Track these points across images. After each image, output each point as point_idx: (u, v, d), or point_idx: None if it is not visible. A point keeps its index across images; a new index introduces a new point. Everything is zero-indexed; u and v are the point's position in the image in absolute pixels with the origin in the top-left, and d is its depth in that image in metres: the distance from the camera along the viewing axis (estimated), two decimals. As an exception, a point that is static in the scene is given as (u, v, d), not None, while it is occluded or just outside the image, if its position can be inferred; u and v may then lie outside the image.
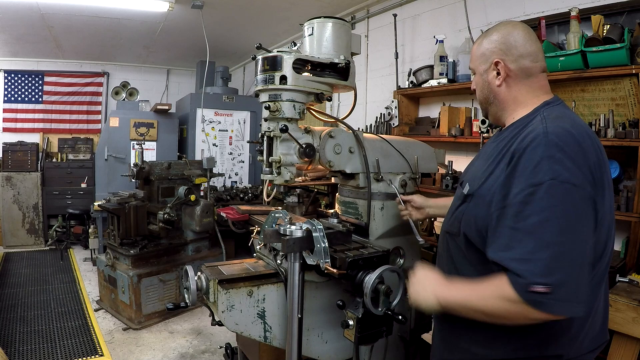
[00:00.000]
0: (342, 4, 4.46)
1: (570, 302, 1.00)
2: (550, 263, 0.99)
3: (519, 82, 1.27)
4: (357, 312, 1.47)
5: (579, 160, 1.05)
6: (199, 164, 4.62)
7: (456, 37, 3.46)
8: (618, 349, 1.78)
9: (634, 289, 1.84)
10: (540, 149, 1.06)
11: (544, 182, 1.02)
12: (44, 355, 3.13)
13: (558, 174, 1.02)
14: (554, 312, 1.00)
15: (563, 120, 1.14)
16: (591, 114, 2.63)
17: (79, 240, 6.32)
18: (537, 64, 1.25)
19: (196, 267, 1.72)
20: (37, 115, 6.90)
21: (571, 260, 1.01)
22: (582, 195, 1.03)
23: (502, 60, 1.26)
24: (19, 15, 4.78)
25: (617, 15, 2.63)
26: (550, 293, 0.98)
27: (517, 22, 1.35)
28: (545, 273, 0.99)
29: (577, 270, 1.01)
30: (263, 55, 1.77)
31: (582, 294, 1.02)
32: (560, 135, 1.07)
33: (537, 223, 1.02)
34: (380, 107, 4.10)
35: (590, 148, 1.09)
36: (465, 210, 1.25)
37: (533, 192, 1.03)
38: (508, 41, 1.25)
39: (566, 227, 1.01)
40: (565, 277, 0.99)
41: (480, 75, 1.34)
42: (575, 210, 1.03)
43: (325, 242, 1.52)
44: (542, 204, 1.02)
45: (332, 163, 1.90)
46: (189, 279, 1.61)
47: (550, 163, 1.03)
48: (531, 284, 0.99)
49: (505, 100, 1.30)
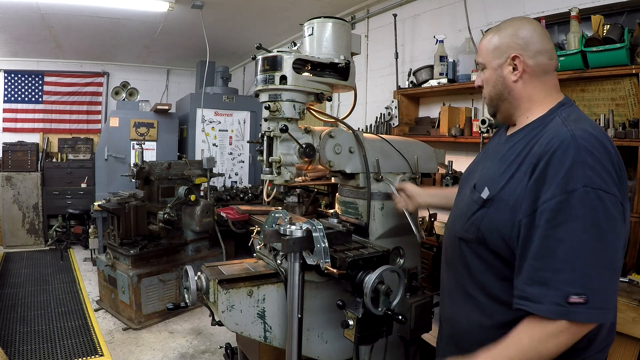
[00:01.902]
0: (342, 4, 4.46)
1: (603, 310, 0.99)
2: (584, 272, 0.98)
3: (535, 79, 1.22)
4: (357, 312, 1.47)
5: (607, 165, 1.03)
6: (199, 164, 4.62)
7: (456, 37, 3.46)
8: (618, 349, 1.78)
9: (634, 289, 1.84)
10: (571, 153, 1.02)
11: (577, 189, 1.00)
12: (44, 355, 3.13)
13: (591, 181, 1.00)
14: (591, 321, 0.99)
15: (584, 122, 1.11)
16: (591, 114, 2.63)
17: (79, 240, 6.33)
18: (552, 62, 1.23)
19: (196, 267, 1.72)
20: (37, 115, 6.90)
21: (603, 268, 0.99)
22: (613, 201, 1.01)
23: (520, 55, 1.21)
24: (19, 15, 4.78)
25: (617, 15, 2.63)
26: (586, 303, 0.97)
27: (530, 18, 1.31)
28: (581, 282, 0.97)
29: (609, 278, 1.00)
30: (263, 55, 1.77)
31: (613, 301, 1.03)
32: (588, 140, 1.04)
33: (570, 231, 0.99)
34: (380, 107, 4.09)
35: (613, 152, 1.07)
36: (484, 215, 1.18)
37: (566, 199, 1.00)
38: (525, 36, 1.21)
39: (599, 235, 0.99)
40: (598, 286, 0.98)
41: (494, 69, 1.27)
42: (608, 218, 1.00)
43: (325, 242, 1.52)
44: (576, 211, 0.99)
45: (332, 163, 1.90)
46: (189, 279, 1.61)
47: (583, 169, 1.00)
48: (568, 295, 0.97)
49: (520, 98, 1.25)
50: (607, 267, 1.00)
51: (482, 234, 1.18)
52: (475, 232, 1.20)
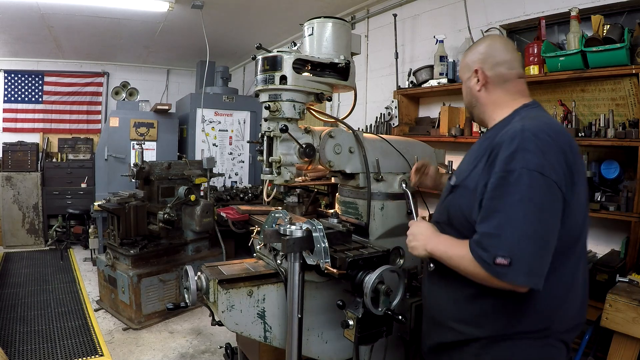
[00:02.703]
0: (342, 4, 4.46)
1: (528, 276, 1.13)
2: (513, 241, 1.13)
3: (497, 87, 1.42)
4: (357, 312, 1.47)
5: (550, 153, 1.17)
6: (199, 164, 4.62)
7: (456, 37, 3.46)
8: (618, 349, 1.78)
9: (634, 289, 1.84)
10: (516, 141, 1.20)
11: (516, 169, 1.16)
12: (44, 355, 3.13)
13: (529, 164, 1.16)
14: (513, 282, 1.14)
15: (539, 119, 1.28)
16: (591, 114, 2.63)
17: (79, 240, 6.32)
18: (512, 71, 1.41)
19: (196, 267, 1.72)
20: (37, 115, 6.90)
21: (532, 239, 1.13)
22: (549, 184, 1.15)
23: (480, 68, 1.42)
24: (19, 15, 4.78)
25: (617, 15, 2.63)
26: (510, 265, 1.12)
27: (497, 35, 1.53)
28: (507, 248, 1.13)
29: (536, 248, 1.14)
30: (263, 55, 1.77)
31: (540, 269, 1.15)
32: (534, 131, 1.20)
33: (507, 204, 1.16)
34: (380, 107, 4.09)
35: (561, 144, 1.20)
36: (452, 199, 1.41)
37: (506, 176, 1.18)
38: (487, 51, 1.42)
39: (531, 210, 1.14)
40: (524, 253, 1.13)
41: (465, 83, 1.50)
42: (541, 196, 1.15)
43: (325, 242, 1.52)
44: (513, 188, 1.16)
45: (332, 163, 1.90)
46: (189, 279, 1.61)
47: (523, 154, 1.17)
48: (495, 256, 1.14)
49: (485, 104, 1.45)
50: (537, 239, 1.14)
51: (450, 215, 1.40)
52: (446, 215, 1.43)
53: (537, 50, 2.67)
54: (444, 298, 1.41)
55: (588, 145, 2.50)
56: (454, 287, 1.36)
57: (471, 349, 1.33)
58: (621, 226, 2.47)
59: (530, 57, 2.72)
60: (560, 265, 1.24)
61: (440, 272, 1.41)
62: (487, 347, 1.30)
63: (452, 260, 1.29)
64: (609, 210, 2.32)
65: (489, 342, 1.29)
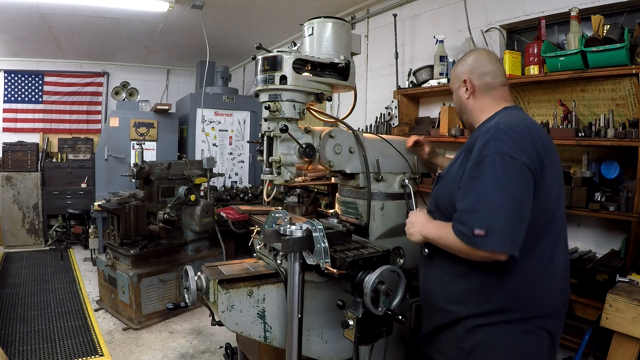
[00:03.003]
0: (342, 4, 4.46)
1: (503, 243, 1.27)
2: (488, 214, 1.28)
3: (484, 95, 1.59)
4: (357, 312, 1.47)
5: (520, 142, 1.33)
6: (199, 164, 4.62)
7: (456, 37, 3.45)
8: (618, 349, 1.78)
9: (634, 289, 1.84)
10: (490, 132, 1.38)
11: (489, 154, 1.33)
12: (44, 355, 3.13)
13: (501, 149, 1.32)
14: (491, 249, 1.28)
15: (515, 117, 1.45)
16: (591, 114, 2.63)
17: (79, 240, 6.32)
18: (497, 80, 1.58)
19: (196, 267, 1.72)
20: (37, 115, 6.90)
21: (504, 211, 1.28)
22: (519, 165, 1.31)
23: (468, 78, 1.59)
24: (19, 15, 4.78)
25: (617, 15, 2.63)
26: (486, 235, 1.26)
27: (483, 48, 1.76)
28: (483, 220, 1.28)
29: (509, 218, 1.28)
30: (263, 55, 1.77)
31: (513, 237, 1.28)
32: (507, 125, 1.38)
33: (481, 183, 1.32)
34: (380, 107, 4.09)
35: (532, 137, 1.36)
36: (438, 189, 1.61)
37: (480, 161, 1.34)
38: (472, 63, 1.61)
39: (503, 186, 1.29)
40: (498, 224, 1.27)
41: (455, 92, 1.67)
42: (511, 175, 1.30)
43: (325, 242, 1.52)
44: (486, 169, 1.32)
45: (332, 163, 1.90)
46: (189, 279, 1.61)
47: (495, 142, 1.34)
48: (473, 228, 1.28)
49: (473, 110, 1.61)
50: (509, 211, 1.28)
51: (437, 203, 1.58)
52: (434, 203, 1.61)
53: (537, 50, 2.67)
54: (435, 279, 1.56)
55: (588, 145, 2.50)
56: (445, 269, 1.51)
57: (457, 333, 1.46)
58: (621, 226, 2.47)
59: (530, 57, 2.72)
60: (537, 245, 1.39)
61: (433, 256, 1.56)
62: (471, 331, 1.43)
63: (442, 239, 1.44)
64: (609, 210, 2.32)
65: (473, 327, 1.42)
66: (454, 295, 1.48)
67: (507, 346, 1.40)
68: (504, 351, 1.41)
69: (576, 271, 2.42)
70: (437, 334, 1.56)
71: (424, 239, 1.54)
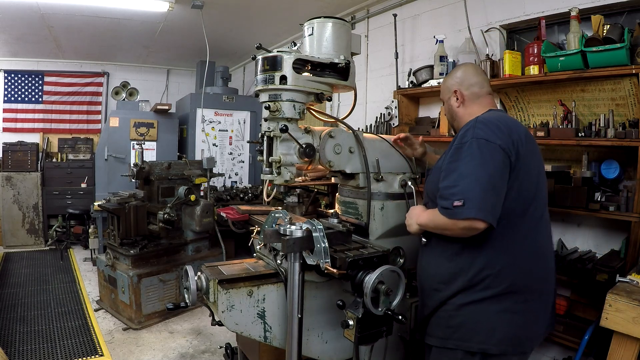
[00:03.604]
0: (342, 4, 4.46)
1: (479, 210, 1.41)
2: (465, 187, 1.44)
3: (472, 103, 1.77)
4: (357, 312, 1.47)
5: (495, 129, 1.51)
6: (199, 164, 4.62)
7: (456, 37, 3.45)
8: (618, 349, 1.78)
9: (633, 289, 1.84)
10: (469, 124, 1.58)
11: (467, 140, 1.51)
12: (44, 355, 3.13)
13: (478, 135, 1.50)
14: (467, 216, 1.41)
15: (494, 114, 1.65)
16: (591, 114, 2.63)
17: (79, 240, 6.32)
18: (483, 89, 1.78)
19: (196, 267, 1.72)
20: (37, 115, 6.89)
21: (482, 186, 1.43)
22: (494, 148, 1.47)
23: (459, 89, 1.78)
24: (19, 15, 4.77)
25: (617, 15, 2.63)
26: (464, 205, 1.42)
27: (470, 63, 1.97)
28: (461, 193, 1.44)
29: (484, 189, 1.43)
30: (263, 55, 1.77)
31: (489, 205, 1.42)
32: (484, 119, 1.57)
33: (460, 163, 1.49)
34: (380, 107, 4.09)
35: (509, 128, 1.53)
36: (427, 182, 1.79)
37: (460, 146, 1.53)
38: (461, 75, 1.81)
39: (479, 163, 1.46)
40: (474, 195, 1.42)
41: (446, 102, 1.86)
42: (487, 155, 1.46)
43: (325, 242, 1.52)
44: (465, 152, 1.50)
45: (332, 163, 1.90)
46: (189, 279, 1.61)
47: (473, 130, 1.53)
48: (452, 202, 1.44)
49: (463, 116, 1.78)
50: (484, 184, 1.43)
51: (427, 193, 1.75)
52: (425, 194, 1.77)
53: (537, 50, 2.67)
54: (430, 264, 1.68)
55: (588, 145, 2.50)
56: (438, 252, 1.64)
57: (445, 312, 1.58)
58: (621, 226, 2.47)
59: (530, 57, 2.72)
60: (520, 224, 1.53)
61: (428, 244, 1.70)
62: (458, 309, 1.54)
63: (433, 222, 1.58)
64: (609, 210, 2.32)
65: (460, 305, 1.54)
66: (445, 276, 1.59)
67: (493, 323, 1.51)
68: (490, 328, 1.51)
69: (576, 271, 2.42)
70: (430, 318, 1.65)
71: (419, 228, 1.67)
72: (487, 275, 1.51)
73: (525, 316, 1.54)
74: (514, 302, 1.52)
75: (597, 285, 2.26)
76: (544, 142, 2.64)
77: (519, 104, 3.03)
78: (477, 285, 1.52)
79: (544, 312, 1.61)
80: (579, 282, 2.42)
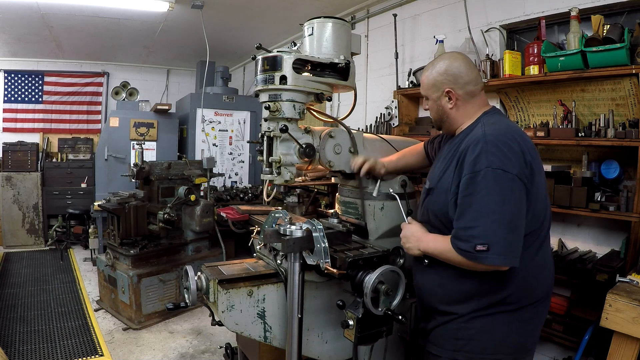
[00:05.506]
0: (342, 4, 4.46)
1: (505, 256, 1.32)
2: (487, 229, 1.32)
3: (467, 103, 1.59)
4: (357, 312, 1.47)
5: (509, 153, 1.36)
6: (199, 164, 4.62)
7: (456, 37, 3.45)
8: (618, 349, 1.78)
9: (633, 289, 1.84)
10: (480, 145, 1.39)
11: (482, 169, 1.35)
12: (44, 355, 3.13)
13: (492, 163, 1.35)
14: (493, 263, 1.32)
15: (498, 125, 1.48)
16: (591, 114, 2.63)
17: (79, 240, 6.32)
18: (477, 87, 1.59)
19: (196, 267, 1.72)
20: (37, 115, 6.89)
21: (503, 225, 1.32)
22: (511, 177, 1.34)
23: (452, 89, 1.56)
24: (19, 15, 4.77)
25: (617, 15, 2.63)
26: (488, 250, 1.31)
27: (457, 53, 1.70)
28: (483, 236, 1.32)
29: (507, 232, 1.32)
30: (263, 55, 1.77)
31: (514, 249, 1.34)
32: (494, 136, 1.41)
33: (477, 199, 1.35)
34: (380, 107, 4.09)
35: (519, 145, 1.40)
36: (430, 200, 1.60)
37: (474, 177, 1.37)
38: (454, 72, 1.56)
39: (498, 201, 1.33)
40: (498, 239, 1.31)
41: (434, 101, 1.64)
42: (505, 188, 1.34)
43: (325, 242, 1.52)
44: (480, 185, 1.35)
45: (332, 163, 1.90)
46: (189, 279, 1.61)
47: (487, 156, 1.36)
48: (475, 245, 1.32)
49: (456, 118, 1.61)
50: (507, 225, 1.33)
51: (431, 214, 1.59)
52: (427, 215, 1.61)
53: (537, 50, 2.67)
54: (435, 284, 1.57)
55: (588, 145, 2.50)
56: (444, 274, 1.52)
57: (454, 324, 1.51)
58: (621, 226, 2.47)
59: (530, 57, 2.72)
60: (531, 242, 1.45)
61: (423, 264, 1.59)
62: (469, 322, 1.48)
63: (443, 254, 1.47)
64: (609, 210, 2.32)
65: (471, 319, 1.47)
66: (455, 296, 1.51)
67: (506, 334, 1.47)
68: (502, 338, 1.47)
69: (576, 271, 2.42)
70: (434, 329, 1.60)
71: (422, 253, 1.56)
72: (504, 297, 1.45)
73: (535, 323, 1.53)
74: (526, 311, 1.49)
75: (597, 285, 2.26)
76: (544, 142, 2.64)
77: (519, 104, 3.03)
78: (491, 303, 1.46)
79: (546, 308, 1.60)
80: (579, 282, 2.42)
